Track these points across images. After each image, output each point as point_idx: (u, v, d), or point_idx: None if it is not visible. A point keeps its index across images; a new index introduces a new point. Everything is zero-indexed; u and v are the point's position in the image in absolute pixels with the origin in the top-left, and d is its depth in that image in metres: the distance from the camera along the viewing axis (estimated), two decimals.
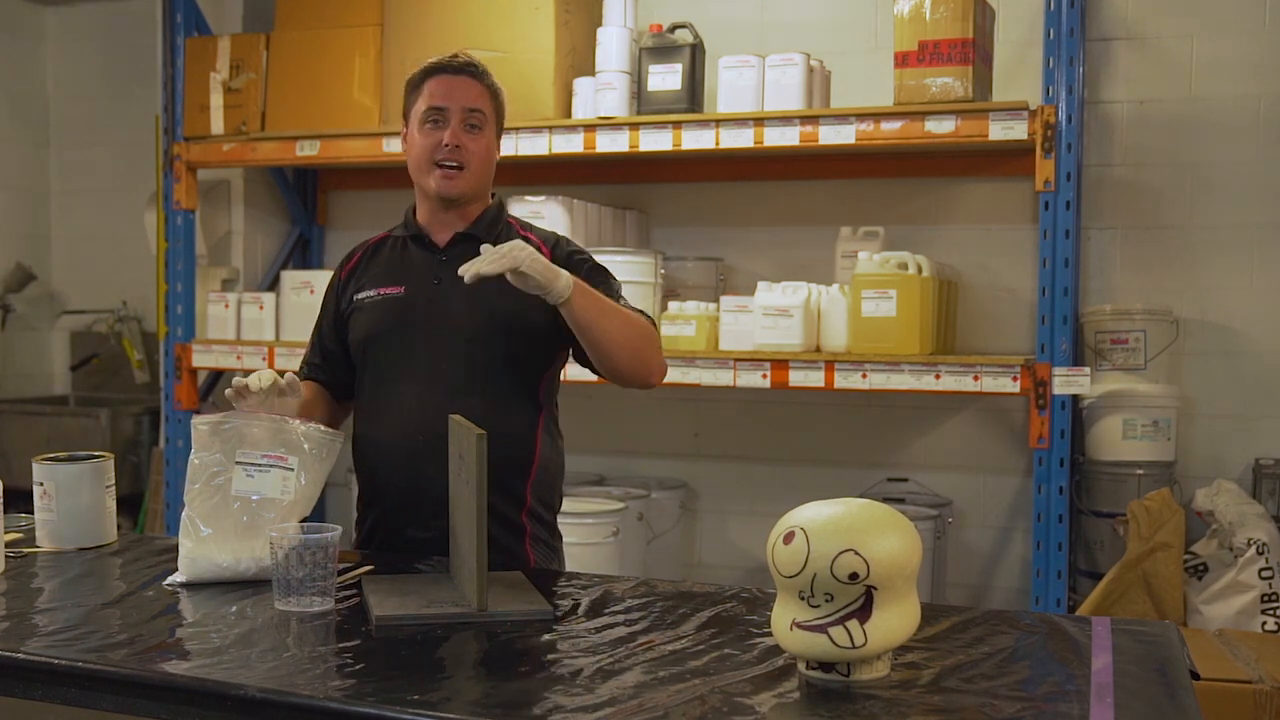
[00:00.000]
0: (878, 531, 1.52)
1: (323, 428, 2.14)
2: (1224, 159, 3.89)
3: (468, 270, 2.05)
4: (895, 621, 1.53)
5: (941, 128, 3.50)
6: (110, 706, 1.61)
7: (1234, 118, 3.88)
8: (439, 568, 2.16)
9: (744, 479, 4.42)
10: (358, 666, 1.62)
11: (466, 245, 2.31)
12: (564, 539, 2.46)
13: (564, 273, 2.12)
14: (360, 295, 2.38)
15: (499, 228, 2.38)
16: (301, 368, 2.49)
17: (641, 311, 2.32)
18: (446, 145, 2.28)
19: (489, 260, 2.05)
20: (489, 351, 2.29)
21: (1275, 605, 3.53)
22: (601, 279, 2.32)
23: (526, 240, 2.27)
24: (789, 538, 1.54)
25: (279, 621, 1.82)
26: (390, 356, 2.32)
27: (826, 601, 1.51)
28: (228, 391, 2.16)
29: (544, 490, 2.36)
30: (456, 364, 2.28)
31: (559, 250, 2.35)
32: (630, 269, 3.69)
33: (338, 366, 2.44)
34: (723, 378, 3.71)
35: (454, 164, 2.29)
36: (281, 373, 2.18)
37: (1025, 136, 3.46)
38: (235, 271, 4.75)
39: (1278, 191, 3.86)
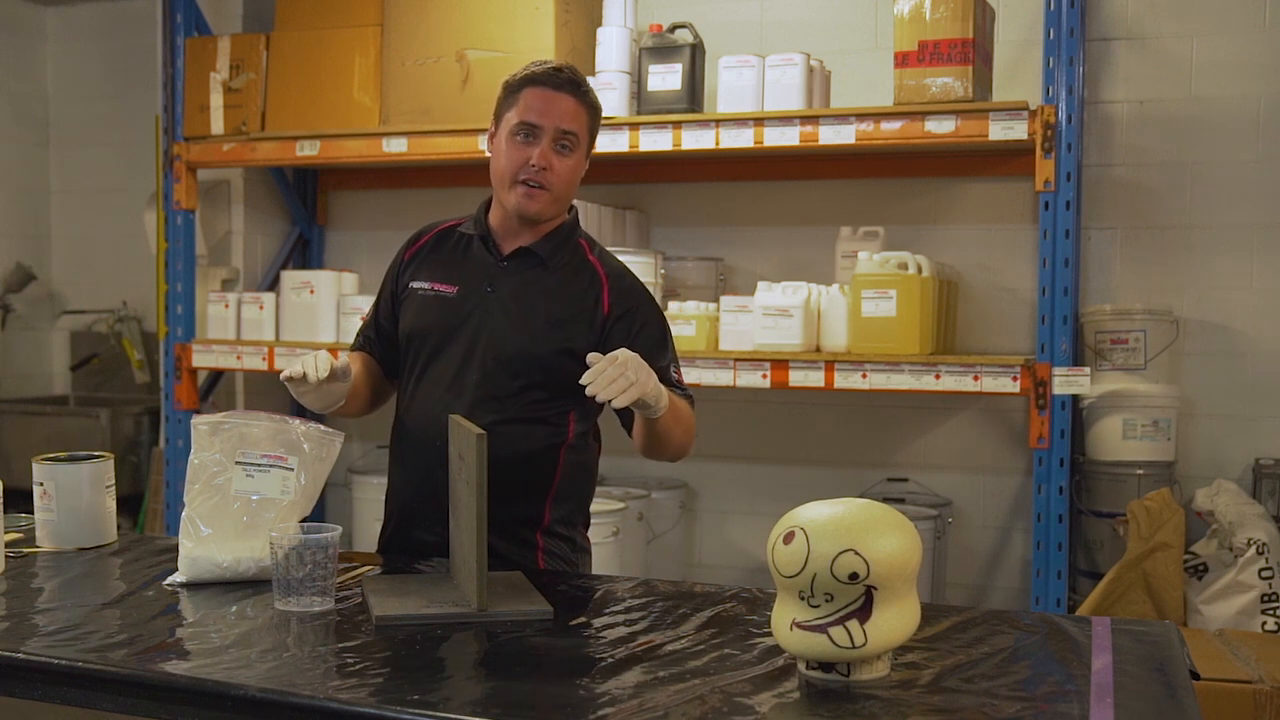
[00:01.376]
0: (878, 531, 1.52)
1: (323, 427, 2.14)
2: (1224, 159, 3.89)
3: (597, 389, 1.98)
4: (895, 621, 1.53)
5: (941, 128, 3.50)
6: (110, 706, 1.61)
7: (1234, 118, 3.88)
8: (439, 568, 2.17)
9: (744, 479, 4.41)
10: (358, 666, 1.62)
11: (528, 259, 2.30)
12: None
13: (664, 391, 2.11)
14: (415, 284, 2.35)
15: (566, 250, 2.32)
16: (357, 337, 2.49)
17: (685, 391, 2.30)
18: (534, 165, 2.21)
19: (621, 389, 1.98)
20: (522, 372, 2.24)
21: (1275, 605, 3.53)
22: (658, 350, 2.24)
23: (595, 269, 2.29)
24: (789, 538, 1.54)
25: (279, 621, 1.82)
26: (427, 356, 2.30)
27: (826, 601, 1.51)
28: (283, 376, 2.15)
29: (566, 507, 2.32)
30: (486, 376, 2.24)
31: (618, 289, 2.30)
32: (630, 269, 3.68)
33: (389, 344, 2.42)
34: (723, 378, 3.70)
35: (537, 184, 2.23)
36: (335, 354, 2.18)
37: (1025, 136, 3.46)
38: (235, 271, 4.75)
39: (1278, 191, 3.86)
